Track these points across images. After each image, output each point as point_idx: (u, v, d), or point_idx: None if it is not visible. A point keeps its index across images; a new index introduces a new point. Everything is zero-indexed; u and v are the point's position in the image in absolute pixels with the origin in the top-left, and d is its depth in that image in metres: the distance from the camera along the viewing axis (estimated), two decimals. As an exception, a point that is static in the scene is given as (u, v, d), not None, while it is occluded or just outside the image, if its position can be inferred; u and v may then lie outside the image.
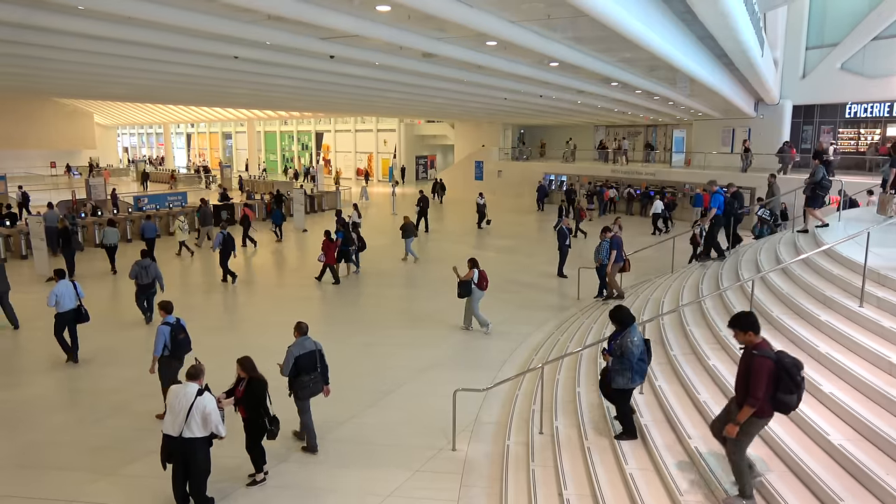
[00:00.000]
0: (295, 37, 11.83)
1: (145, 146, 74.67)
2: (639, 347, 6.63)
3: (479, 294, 12.34)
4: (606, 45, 12.86)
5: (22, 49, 13.00)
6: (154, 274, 12.80)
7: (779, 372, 4.81)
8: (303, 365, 7.56)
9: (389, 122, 48.45)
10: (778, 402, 4.86)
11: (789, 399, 4.82)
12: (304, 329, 7.80)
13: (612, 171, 33.19)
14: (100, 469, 7.41)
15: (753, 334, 5.07)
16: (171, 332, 8.46)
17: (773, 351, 4.93)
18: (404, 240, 19.45)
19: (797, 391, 4.80)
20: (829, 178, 11.75)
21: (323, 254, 16.57)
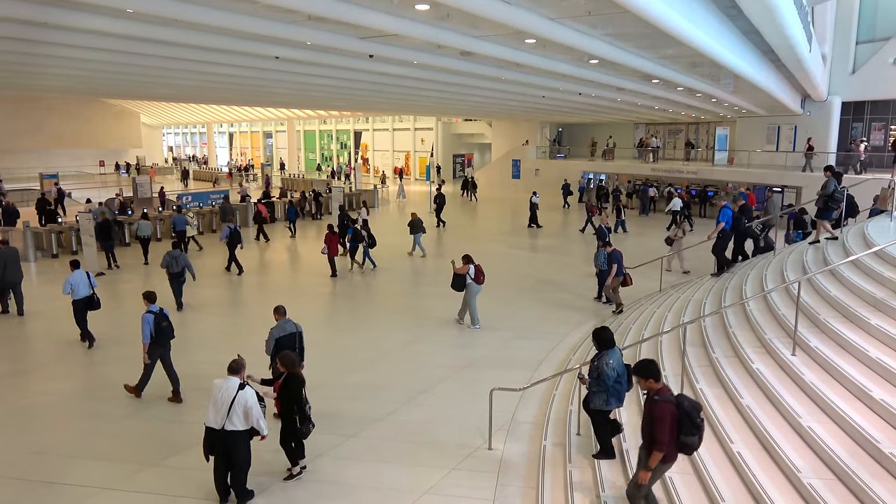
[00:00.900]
0: (335, 36, 11.96)
1: (189, 145, 76.42)
2: (615, 371, 6.56)
3: (477, 288, 12.49)
4: (648, 41, 12.66)
5: (72, 52, 13.44)
6: (184, 263, 13.63)
7: (680, 416, 4.97)
8: (283, 345, 8.06)
9: (427, 121, 48.58)
10: (681, 444, 5.03)
11: (691, 440, 5.00)
12: (283, 311, 8.38)
13: (653, 169, 32.66)
14: (143, 460, 7.61)
15: (654, 381, 5.18)
16: (155, 320, 8.97)
17: (674, 396, 5.07)
18: (412, 235, 19.85)
19: (698, 432, 4.97)
20: (840, 190, 11.74)
21: (326, 247, 17.01)
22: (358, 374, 10.41)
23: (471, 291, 12.50)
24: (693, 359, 8.41)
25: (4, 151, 48.01)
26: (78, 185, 41.06)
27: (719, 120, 33.90)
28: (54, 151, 51.73)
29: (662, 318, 11.37)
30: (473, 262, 12.46)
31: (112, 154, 57.31)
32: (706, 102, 24.71)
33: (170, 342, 9.24)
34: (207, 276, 17.23)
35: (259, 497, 6.76)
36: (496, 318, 13.45)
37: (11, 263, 13.48)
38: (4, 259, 13.38)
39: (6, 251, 13.56)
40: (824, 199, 11.67)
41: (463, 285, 12.42)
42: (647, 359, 5.38)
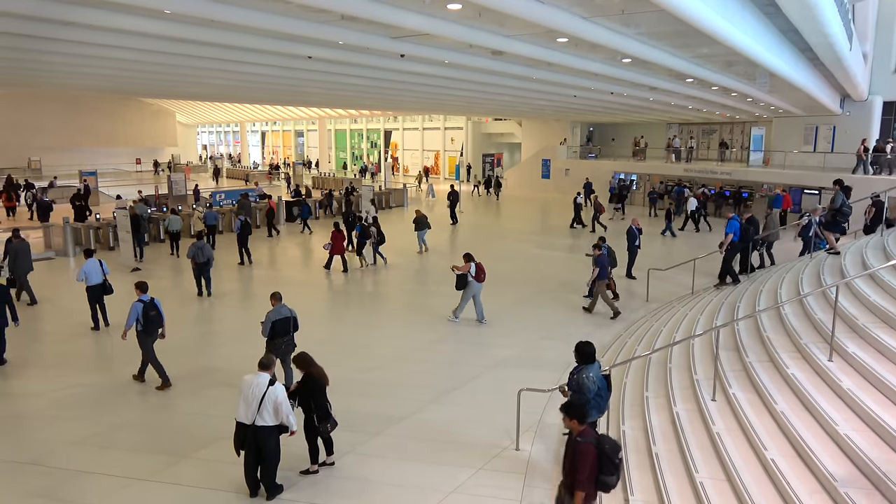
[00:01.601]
0: (367, 36, 12.03)
1: (222, 144, 77.61)
2: (595, 384, 6.66)
3: (478, 286, 12.71)
4: (683, 40, 12.47)
5: (111, 52, 13.76)
6: (208, 254, 14.63)
7: (600, 456, 5.15)
8: (278, 329, 8.84)
9: (457, 120, 48.58)
10: (601, 484, 5.22)
11: (610, 480, 5.21)
12: (279, 297, 9.02)
13: (686, 170, 32.17)
14: (176, 452, 7.76)
15: (578, 423, 5.30)
16: (144, 309, 9.42)
17: (595, 437, 5.28)
18: (416, 232, 20.24)
19: (616, 472, 5.20)
20: (848, 204, 11.93)
21: (330, 243, 17.45)
22: (382, 371, 10.47)
23: (472, 289, 12.72)
24: (726, 363, 8.28)
25: (46, 149, 49.40)
26: (116, 182, 41.99)
27: (755, 120, 33.25)
28: (93, 149, 53.10)
29: (695, 320, 11.21)
30: (474, 261, 12.65)
31: (149, 152, 58.52)
32: (741, 102, 24.25)
33: (157, 331, 9.68)
34: (225, 268, 17.82)
35: (288, 492, 6.84)
36: (522, 318, 13.41)
37: (22, 256, 14.13)
38: (16, 251, 14.04)
39: (18, 245, 14.22)
40: (832, 212, 11.85)
41: (465, 283, 12.65)
42: (575, 400, 5.51)
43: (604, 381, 6.80)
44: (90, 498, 6.80)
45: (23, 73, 18.32)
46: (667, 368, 8.84)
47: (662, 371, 8.95)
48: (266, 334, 8.82)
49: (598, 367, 6.89)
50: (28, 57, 14.60)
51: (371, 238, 18.23)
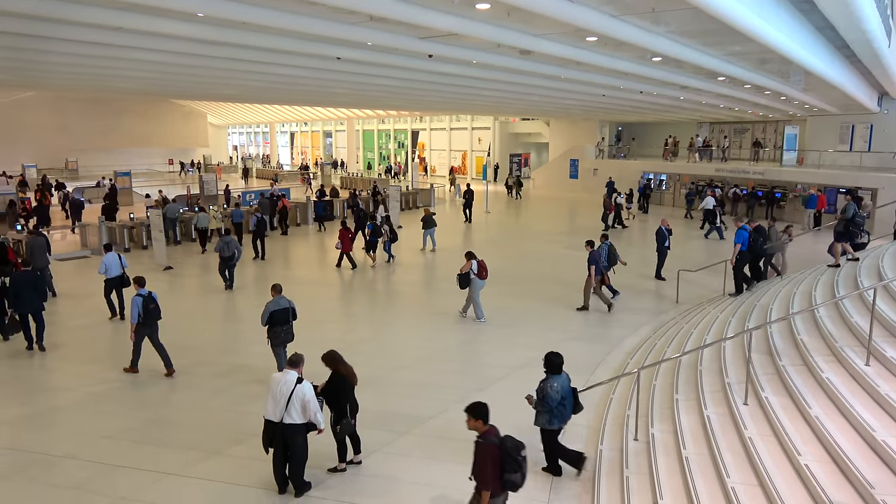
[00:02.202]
0: (395, 37, 12.07)
1: (252, 144, 78.59)
2: (559, 393, 6.85)
3: (480, 283, 12.83)
4: (715, 38, 12.28)
5: (145, 54, 14.01)
6: (234, 249, 15.32)
7: (503, 455, 5.31)
8: (277, 318, 9.33)
9: (484, 121, 48.50)
10: (505, 482, 5.35)
11: (514, 478, 5.35)
12: (279, 289, 9.57)
13: (717, 170, 31.67)
14: (207, 448, 7.88)
15: (482, 423, 5.50)
16: (144, 302, 9.91)
17: (497, 437, 5.42)
18: (424, 230, 20.62)
19: (520, 470, 5.34)
20: (861, 214, 12.11)
21: (340, 242, 17.91)
22: (409, 371, 10.50)
23: (475, 287, 12.84)
24: (759, 366, 8.13)
25: (81, 150, 50.63)
26: (148, 182, 42.85)
27: (788, 119, 32.59)
28: (126, 150, 54.26)
29: (726, 323, 11.03)
30: (476, 259, 12.79)
31: (181, 153, 59.57)
32: (775, 100, 23.78)
33: (156, 322, 10.20)
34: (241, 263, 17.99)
35: (316, 489, 6.90)
36: (548, 319, 13.34)
37: (38, 251, 14.72)
38: (32, 247, 14.73)
39: (34, 240, 15.00)
40: (844, 222, 12.01)
41: (468, 282, 12.77)
42: (480, 402, 5.71)
43: (569, 392, 6.99)
44: (122, 491, 6.95)
45: (59, 75, 18.76)
46: (697, 371, 8.71)
47: (693, 374, 8.82)
48: (264, 323, 9.37)
49: (566, 378, 7.08)
50: (65, 60, 14.96)
51: (383, 236, 18.61)
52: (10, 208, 23.45)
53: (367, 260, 18.77)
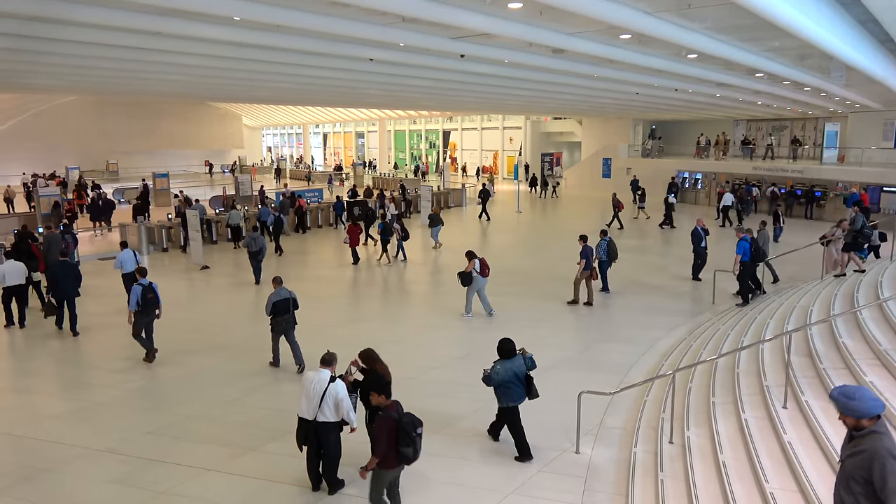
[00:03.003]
0: (427, 37, 12.11)
1: (286, 145, 79.61)
2: (499, 375, 7.36)
3: (482, 281, 13.13)
4: (752, 33, 12.03)
5: (183, 58, 14.32)
6: (261, 244, 16.34)
7: (399, 429, 5.74)
8: (279, 308, 10.10)
9: (516, 120, 48.34)
10: (399, 455, 5.80)
11: (407, 451, 5.79)
12: (280, 281, 10.32)
13: (754, 168, 31.03)
14: (243, 444, 8.01)
15: (385, 398, 6.02)
16: (143, 291, 10.54)
17: (397, 413, 5.86)
18: (430, 228, 21.36)
19: (413, 445, 5.78)
20: (868, 225, 12.52)
21: (348, 237, 18.72)
22: (442, 371, 10.52)
23: (477, 284, 13.10)
24: (798, 369, 7.94)
25: (121, 153, 51.99)
26: (185, 183, 43.73)
27: (828, 115, 31.76)
28: (164, 152, 55.51)
29: (764, 324, 10.80)
30: (477, 257, 13.05)
31: (217, 154, 60.71)
32: (815, 97, 23.19)
33: (154, 311, 10.81)
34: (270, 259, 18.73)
35: (349, 487, 6.96)
36: (582, 319, 13.24)
37: (54, 246, 15.29)
38: (49, 242, 15.41)
39: (50, 236, 15.74)
40: (853, 234, 12.40)
41: (470, 280, 13.04)
42: (382, 376, 6.25)
43: (514, 375, 7.40)
44: (162, 486, 7.11)
45: (101, 79, 19.26)
46: (734, 374, 8.55)
47: (730, 376, 8.66)
48: (268, 313, 10.15)
49: (517, 361, 7.48)
50: (107, 65, 15.36)
51: (394, 234, 19.04)
52: (54, 209, 24.16)
53: (383, 257, 19.31)
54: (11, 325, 13.15)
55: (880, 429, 3.75)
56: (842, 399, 3.83)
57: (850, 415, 3.81)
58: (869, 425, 3.78)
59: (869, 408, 3.76)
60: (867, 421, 3.78)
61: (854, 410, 3.79)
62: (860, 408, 3.77)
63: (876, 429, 3.75)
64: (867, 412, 3.76)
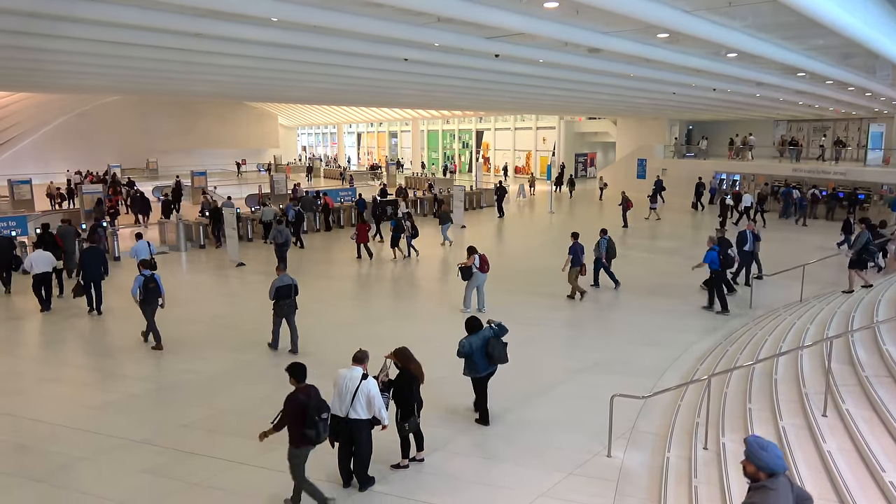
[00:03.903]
0: (462, 37, 12.11)
1: (321, 145, 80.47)
2: (466, 348, 8.14)
3: (482, 277, 13.39)
4: (795, 31, 11.74)
5: (222, 59, 14.57)
6: (286, 236, 17.44)
7: (305, 412, 6.17)
8: (282, 293, 10.91)
9: (549, 120, 48.03)
10: (304, 435, 6.24)
11: (309, 433, 6.23)
12: (284, 269, 11.38)
13: (794, 169, 30.31)
14: (275, 439, 8.05)
15: (296, 381, 6.42)
16: (144, 282, 11.17)
17: (306, 396, 6.28)
18: (440, 225, 21.84)
19: (315, 428, 6.22)
20: (874, 242, 12.57)
21: (356, 233, 19.45)
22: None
23: (476, 280, 13.32)
24: (839, 377, 7.72)
25: (161, 151, 53.19)
26: (222, 182, 44.56)
27: (873, 116, 30.83)
28: (202, 151, 56.61)
29: (803, 330, 10.52)
30: (478, 253, 13.29)
31: (253, 153, 61.67)
32: (859, 97, 22.55)
33: (157, 300, 11.44)
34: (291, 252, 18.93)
35: (379, 484, 7.00)
36: (616, 321, 13.10)
37: (69, 238, 16.70)
38: (63, 235, 16.48)
39: (65, 229, 16.84)
40: (858, 251, 12.55)
41: (470, 275, 13.28)
42: (298, 362, 6.59)
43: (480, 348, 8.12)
44: (196, 478, 7.25)
45: (144, 80, 19.70)
46: (772, 380, 8.36)
47: (767, 382, 8.46)
48: (272, 297, 10.95)
49: (481, 335, 8.21)
50: (149, 66, 15.71)
51: (405, 232, 19.48)
52: (97, 206, 24.82)
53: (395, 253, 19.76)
54: (48, 309, 14.13)
55: (772, 486, 3.87)
56: (755, 446, 3.98)
57: (753, 463, 3.95)
58: (764, 479, 3.91)
59: (770, 463, 3.90)
60: (764, 475, 3.92)
61: (759, 460, 3.92)
62: (766, 459, 3.91)
63: (768, 485, 3.88)
64: (767, 466, 3.90)
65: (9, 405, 9.33)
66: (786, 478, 3.99)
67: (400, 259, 19.56)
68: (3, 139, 43.82)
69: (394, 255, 19.68)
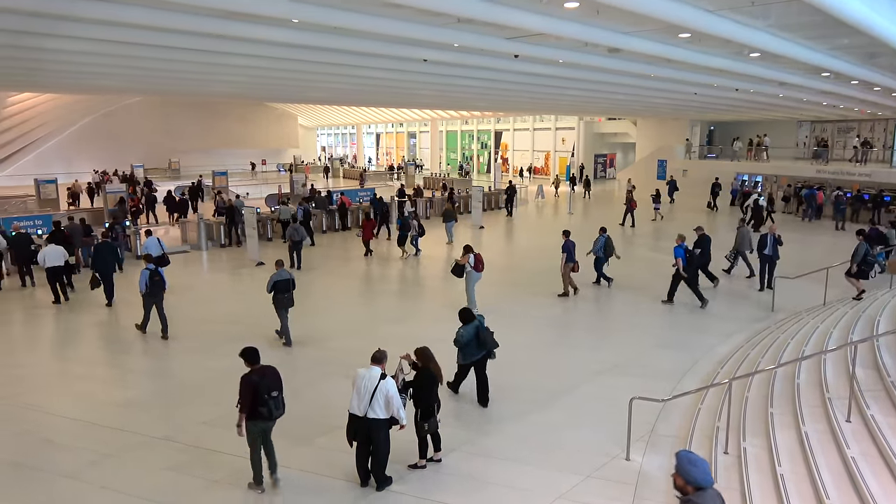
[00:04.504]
0: (481, 38, 12.09)
1: (340, 145, 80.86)
2: (463, 338, 8.71)
3: (476, 276, 13.52)
4: (818, 31, 11.57)
5: (242, 60, 14.68)
6: (301, 235, 18.19)
7: (257, 391, 6.74)
8: (280, 287, 11.35)
9: (568, 121, 47.81)
10: (258, 412, 6.78)
11: (262, 410, 6.79)
12: (282, 264, 11.75)
13: (818, 171, 29.87)
14: (295, 437, 8.16)
15: (249, 363, 6.96)
16: (150, 275, 11.82)
17: (260, 375, 6.85)
18: (444, 223, 22.32)
19: (266, 406, 6.78)
20: (872, 253, 12.87)
21: (361, 230, 20.50)
22: (491, 372, 10.45)
23: (470, 278, 13.45)
24: (863, 382, 7.60)
25: (183, 151, 53.77)
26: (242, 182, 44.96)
27: (901, 116, 30.32)
28: (223, 151, 57.10)
29: (827, 334, 10.37)
30: (473, 252, 13.47)
31: (273, 153, 62.11)
32: (886, 97, 22.15)
33: (161, 292, 12.14)
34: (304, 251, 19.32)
35: (396, 484, 7.02)
36: (635, 324, 13.00)
37: (77, 235, 17.49)
38: (72, 232, 17.25)
39: (72, 226, 17.63)
40: (857, 263, 12.77)
41: (462, 272, 13.39)
42: (250, 346, 7.11)
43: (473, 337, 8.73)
44: (216, 475, 7.33)
45: (166, 81, 19.95)
46: (794, 384, 8.25)
47: (789, 387, 8.35)
48: (269, 291, 11.41)
49: (473, 325, 8.77)
50: (171, 67, 15.90)
51: (412, 230, 19.88)
52: (120, 205, 25.16)
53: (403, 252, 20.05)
54: (64, 300, 14.89)
55: (698, 499, 4.07)
56: (685, 460, 4.18)
57: (682, 476, 4.14)
58: (691, 493, 4.10)
59: (698, 477, 4.10)
60: (692, 488, 4.10)
61: (688, 474, 4.12)
62: (693, 474, 4.10)
63: (694, 498, 4.08)
64: (696, 481, 4.09)
65: (33, 400, 9.52)
66: (714, 491, 4.15)
67: (406, 257, 19.87)
68: (29, 139, 44.59)
69: (402, 254, 20.01)
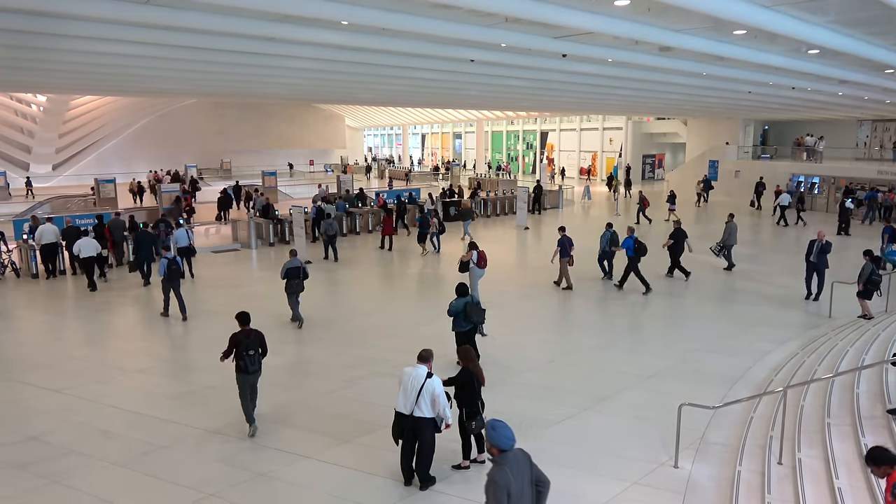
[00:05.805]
0: (529, 37, 11.99)
1: (386, 146, 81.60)
2: (454, 308, 9.80)
3: (479, 272, 13.88)
4: (883, 26, 11.08)
5: (296, 62, 14.94)
6: (335, 229, 19.70)
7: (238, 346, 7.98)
8: (291, 274, 12.46)
9: (616, 120, 47.13)
10: (239, 365, 8.01)
11: (241, 363, 8.01)
12: (295, 253, 12.89)
13: (879, 172, 28.67)
14: (338, 435, 8.26)
15: (239, 324, 8.10)
16: (168, 264, 13.05)
17: (245, 336, 8.07)
18: (461, 222, 23.24)
19: (243, 360, 8.01)
20: (878, 272, 12.78)
21: (382, 226, 21.52)
22: (535, 374, 10.40)
23: (474, 274, 13.80)
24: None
25: (234, 151, 55.20)
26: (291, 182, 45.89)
27: (972, 115, 28.84)
28: (273, 151, 58.37)
29: (889, 342, 9.95)
30: (477, 249, 13.89)
31: (321, 154, 63.17)
32: (955, 95, 21.10)
33: (179, 279, 13.43)
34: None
35: (440, 484, 7.02)
36: (681, 327, 12.74)
37: (118, 229, 18.62)
38: (112, 227, 18.41)
39: (115, 221, 18.72)
40: (864, 283, 12.77)
41: (467, 268, 13.85)
42: (243, 311, 8.41)
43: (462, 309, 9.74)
44: (263, 468, 7.47)
45: (223, 83, 20.48)
46: (853, 394, 7.93)
47: (848, 396, 8.04)
48: (283, 277, 12.48)
49: (464, 299, 9.79)
50: (227, 69, 16.30)
51: (432, 228, 20.48)
52: (175, 203, 25.93)
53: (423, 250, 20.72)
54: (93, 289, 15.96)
55: (500, 461, 4.57)
56: (489, 427, 4.68)
57: (489, 441, 4.63)
58: (496, 455, 4.61)
59: (498, 441, 4.60)
60: (496, 451, 4.60)
61: (491, 439, 4.62)
62: (494, 438, 4.60)
63: (497, 459, 4.60)
64: (498, 444, 4.60)
65: (87, 392, 9.88)
66: (519, 451, 4.67)
67: (426, 255, 20.54)
68: (90, 141, 46.43)
69: (423, 251, 20.69)
